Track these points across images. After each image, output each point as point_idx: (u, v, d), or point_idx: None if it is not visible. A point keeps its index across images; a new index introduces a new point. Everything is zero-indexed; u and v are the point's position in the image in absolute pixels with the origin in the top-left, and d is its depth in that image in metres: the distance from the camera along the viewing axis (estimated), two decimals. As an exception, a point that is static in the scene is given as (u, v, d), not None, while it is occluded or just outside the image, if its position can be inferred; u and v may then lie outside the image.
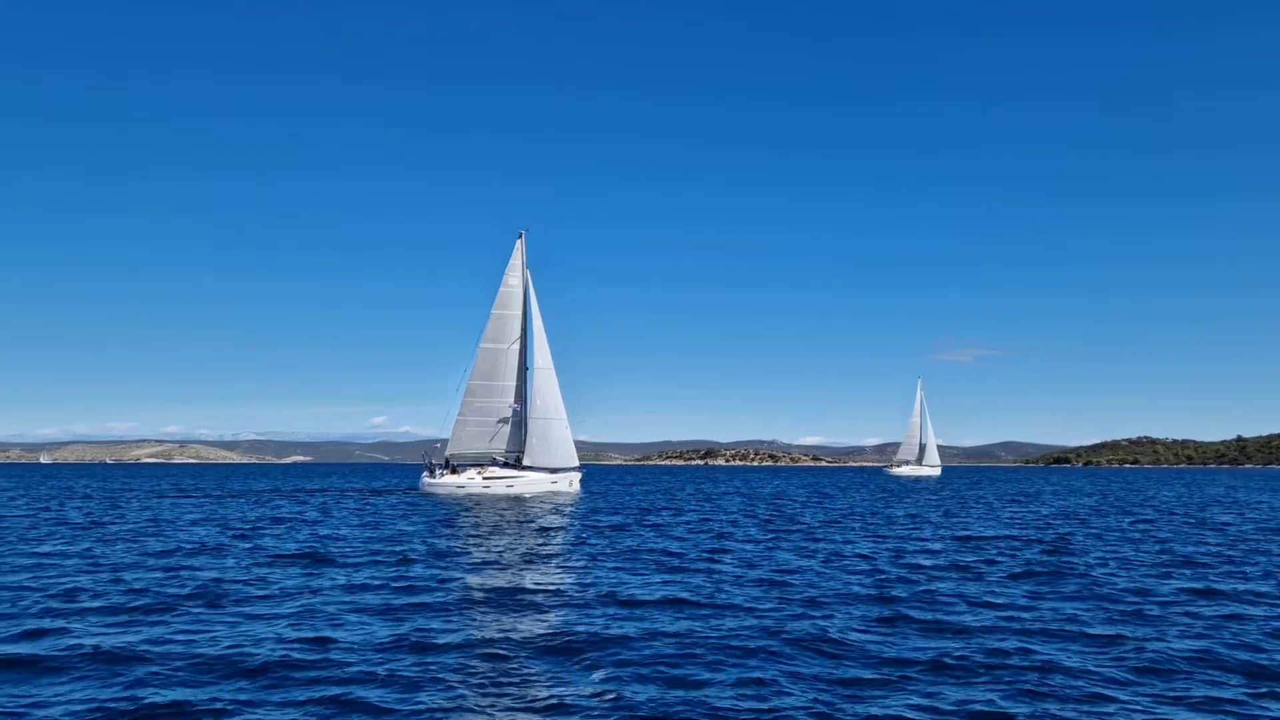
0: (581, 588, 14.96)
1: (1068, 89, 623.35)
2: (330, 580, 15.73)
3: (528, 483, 47.67)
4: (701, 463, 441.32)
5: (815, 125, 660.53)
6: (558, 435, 48.87)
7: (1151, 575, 17.21)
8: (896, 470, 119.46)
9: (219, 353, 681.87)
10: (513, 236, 50.13)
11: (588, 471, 59.10)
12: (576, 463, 50.28)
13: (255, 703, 8.42)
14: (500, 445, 48.87)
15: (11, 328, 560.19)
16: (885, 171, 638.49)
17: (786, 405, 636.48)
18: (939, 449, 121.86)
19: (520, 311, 49.31)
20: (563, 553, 20.14)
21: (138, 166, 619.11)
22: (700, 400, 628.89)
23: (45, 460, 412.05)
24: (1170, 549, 22.29)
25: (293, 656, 9.94)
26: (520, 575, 16.43)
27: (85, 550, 20.45)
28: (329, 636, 10.98)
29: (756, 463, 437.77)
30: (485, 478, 47.00)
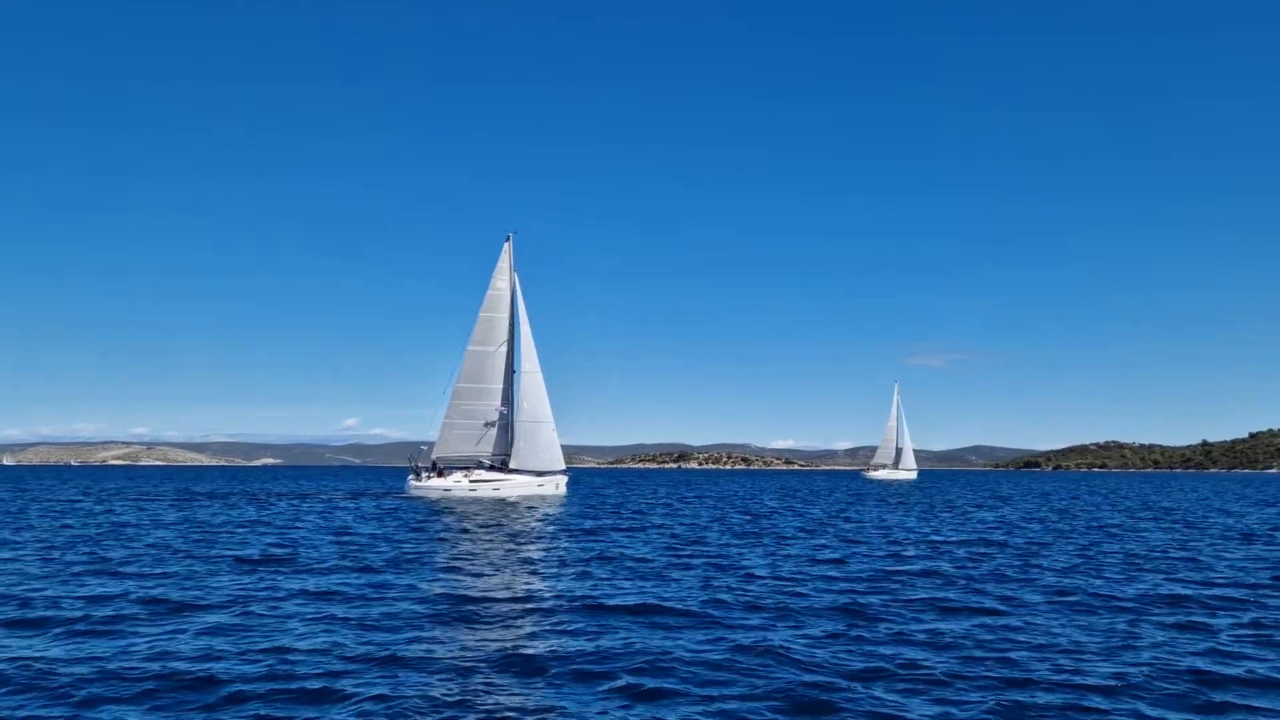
0: (552, 595, 14.62)
1: (1067, 89, 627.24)
2: (298, 585, 15.33)
3: (514, 486, 47.61)
4: (675, 466, 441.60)
5: (807, 126, 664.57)
6: (544, 438, 48.84)
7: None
8: (874, 474, 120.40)
9: (188, 354, 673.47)
10: (496, 239, 50.23)
11: (563, 475, 58.60)
12: (563, 466, 50.29)
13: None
14: (487, 448, 48.74)
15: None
16: (858, 175, 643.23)
17: (759, 409, 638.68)
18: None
19: (508, 315, 49.22)
20: (537, 559, 19.71)
21: (137, 166, 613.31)
22: (673, 404, 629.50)
23: (8, 462, 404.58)
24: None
25: (245, 671, 9.59)
26: (491, 581, 16.12)
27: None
28: (289, 645, 10.69)
29: (729, 466, 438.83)
30: (472, 481, 46.83)
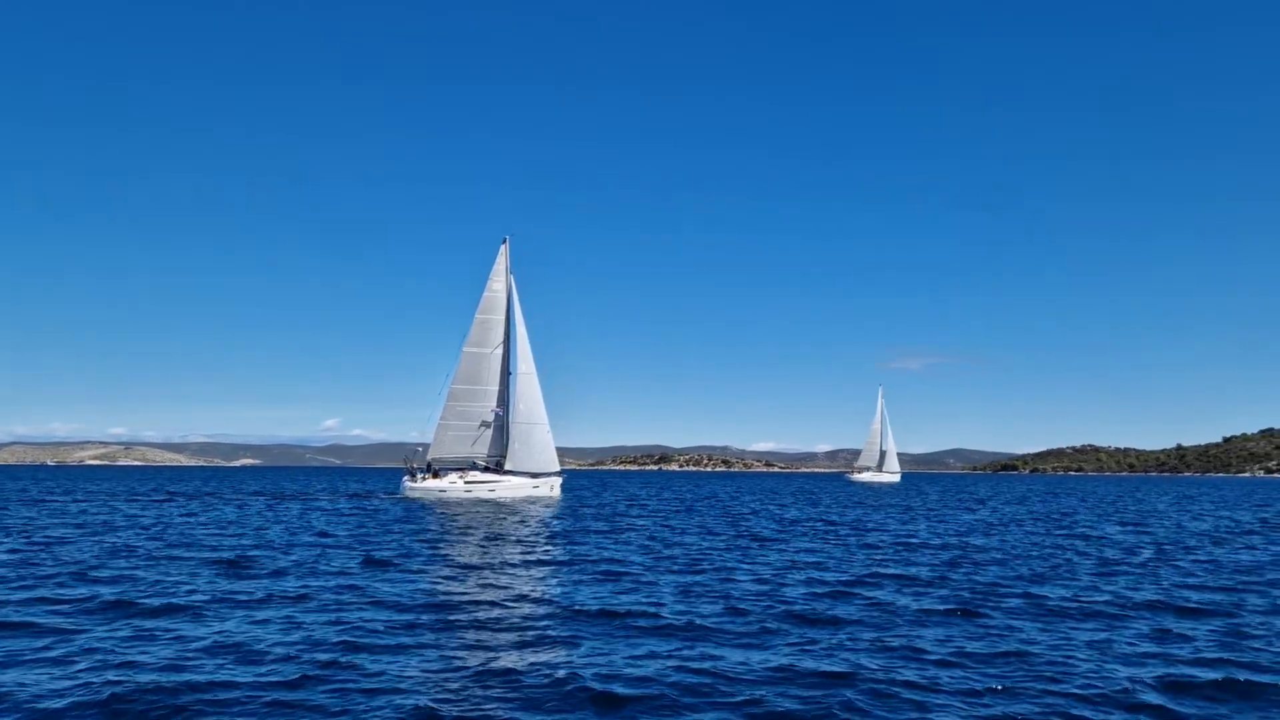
0: (536, 598, 14.56)
1: (1068, 89, 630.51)
2: (272, 588, 15.23)
3: (509, 487, 48.00)
4: (655, 468, 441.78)
5: (798, 128, 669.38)
6: (539, 440, 49.30)
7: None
8: (858, 476, 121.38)
9: (166, 354, 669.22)
10: (492, 240, 50.88)
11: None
12: (558, 467, 50.75)
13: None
14: (482, 450, 49.12)
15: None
16: (836, 180, 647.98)
17: (740, 411, 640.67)
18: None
19: (504, 316, 49.64)
20: (521, 562, 19.45)
21: (133, 166, 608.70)
22: (654, 406, 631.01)
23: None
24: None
25: (220, 674, 9.60)
26: (479, 584, 16.09)
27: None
28: (264, 650, 10.61)
29: (710, 468, 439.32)
30: (467, 482, 47.17)
